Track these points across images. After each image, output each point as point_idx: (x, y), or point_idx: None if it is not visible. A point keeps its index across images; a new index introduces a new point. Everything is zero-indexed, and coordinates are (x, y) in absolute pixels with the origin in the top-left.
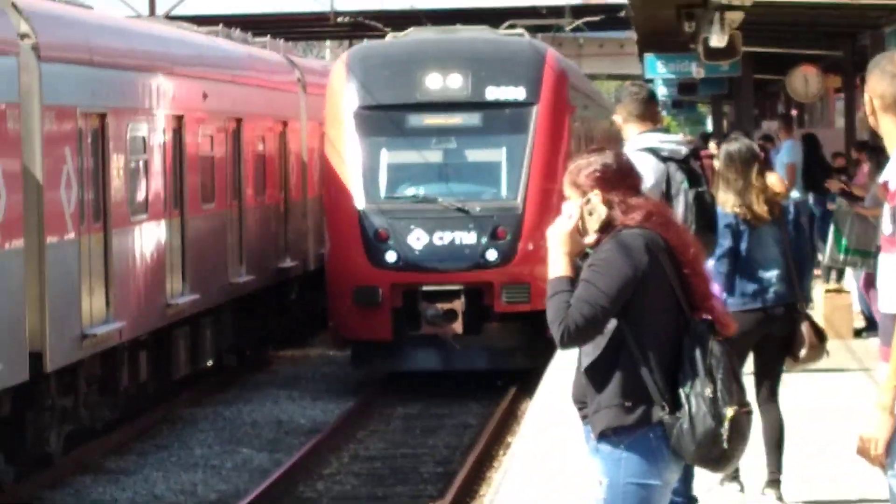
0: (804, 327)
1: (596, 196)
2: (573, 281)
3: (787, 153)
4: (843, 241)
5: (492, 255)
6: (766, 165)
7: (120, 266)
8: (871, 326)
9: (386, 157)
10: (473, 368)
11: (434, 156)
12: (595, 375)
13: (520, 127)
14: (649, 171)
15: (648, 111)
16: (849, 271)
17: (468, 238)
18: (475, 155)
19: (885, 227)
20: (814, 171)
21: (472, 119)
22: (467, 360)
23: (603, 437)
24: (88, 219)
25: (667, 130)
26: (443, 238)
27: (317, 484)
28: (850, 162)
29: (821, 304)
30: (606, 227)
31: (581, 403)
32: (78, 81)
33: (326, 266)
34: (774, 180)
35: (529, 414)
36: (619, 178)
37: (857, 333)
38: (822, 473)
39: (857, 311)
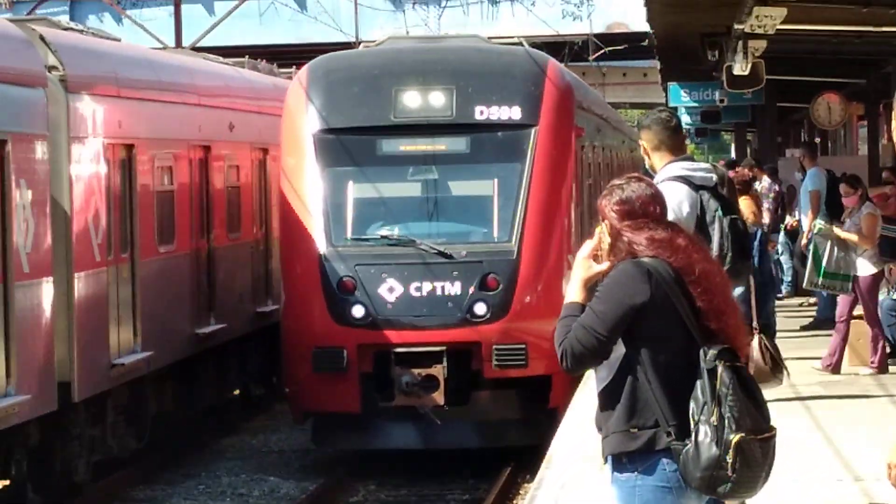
0: (756, 346)
1: (605, 225)
2: (584, 307)
3: (811, 181)
4: (823, 265)
5: (481, 308)
6: (746, 190)
7: (147, 296)
8: (894, 354)
9: (353, 191)
10: (460, 446)
11: (411, 189)
12: (605, 400)
13: (515, 153)
14: (685, 200)
15: (678, 140)
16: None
17: (452, 288)
18: (461, 188)
19: None
20: (837, 198)
21: (458, 144)
22: (453, 437)
23: (617, 463)
24: (116, 249)
25: (692, 159)
26: (421, 288)
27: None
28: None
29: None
30: (626, 254)
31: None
32: (105, 113)
33: (281, 322)
34: (744, 207)
35: (556, 443)
36: (635, 209)
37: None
38: (849, 498)
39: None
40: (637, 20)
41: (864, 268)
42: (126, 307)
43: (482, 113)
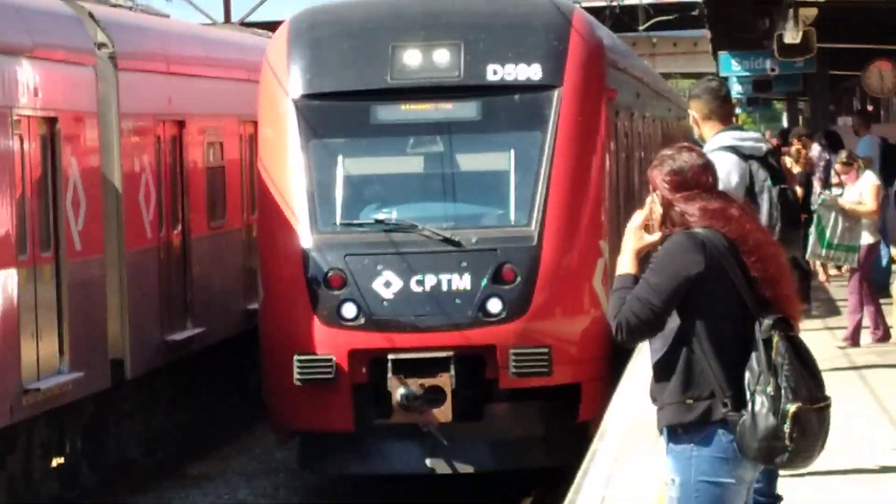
0: None
1: (657, 195)
2: (637, 278)
3: (863, 148)
4: (827, 236)
5: (495, 305)
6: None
7: (198, 272)
8: None
9: (343, 167)
10: (472, 470)
11: (412, 164)
12: (660, 372)
13: (535, 120)
14: (734, 170)
15: (728, 109)
16: None
17: (461, 282)
18: (471, 162)
19: None
20: (890, 166)
21: (467, 110)
22: (464, 459)
23: (672, 435)
24: (167, 225)
25: (741, 128)
26: (424, 282)
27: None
28: None
29: None
30: (679, 225)
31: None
32: (155, 89)
33: (260, 325)
34: None
35: (609, 415)
36: (688, 179)
37: None
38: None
39: None
40: None
41: (865, 237)
42: (178, 284)
43: (495, 73)
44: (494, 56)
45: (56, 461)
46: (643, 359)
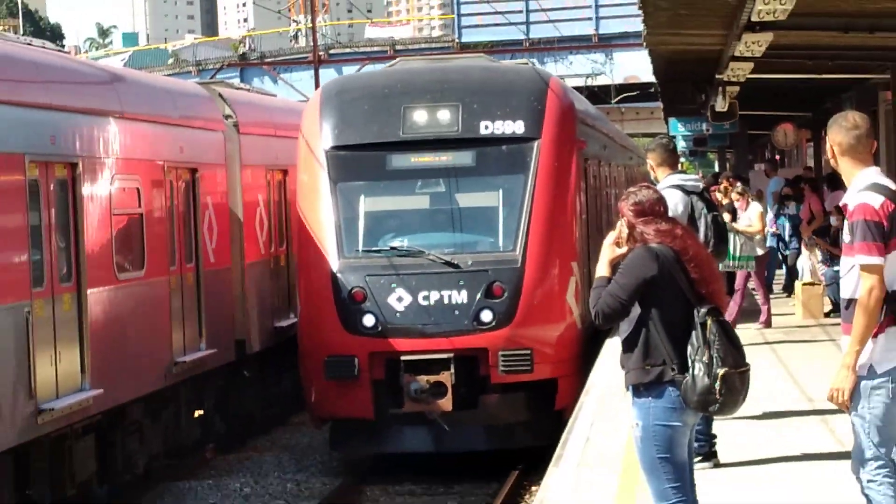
0: None
1: (624, 220)
2: (610, 279)
3: (773, 185)
4: (731, 252)
5: (487, 315)
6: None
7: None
8: (836, 309)
9: (364, 204)
10: (470, 449)
11: (419, 201)
12: (626, 346)
13: (519, 166)
14: (679, 202)
15: (675, 158)
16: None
17: (459, 297)
18: (467, 199)
19: (845, 237)
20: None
21: (464, 158)
22: (462, 440)
23: (636, 391)
24: (276, 244)
25: (685, 172)
26: (429, 297)
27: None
28: (798, 191)
29: (800, 293)
30: (639, 241)
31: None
32: (266, 148)
33: (298, 332)
34: None
35: (592, 378)
36: (646, 209)
37: (827, 314)
38: (804, 412)
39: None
40: (646, 73)
41: (757, 250)
42: (283, 286)
43: (487, 127)
44: (486, 114)
45: (197, 413)
46: (613, 346)
